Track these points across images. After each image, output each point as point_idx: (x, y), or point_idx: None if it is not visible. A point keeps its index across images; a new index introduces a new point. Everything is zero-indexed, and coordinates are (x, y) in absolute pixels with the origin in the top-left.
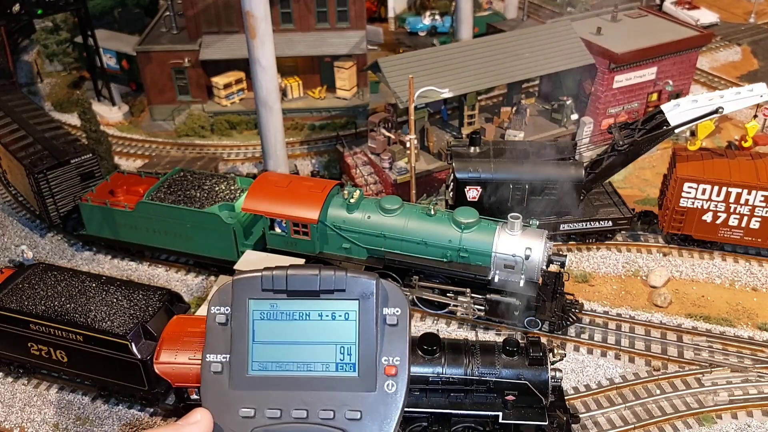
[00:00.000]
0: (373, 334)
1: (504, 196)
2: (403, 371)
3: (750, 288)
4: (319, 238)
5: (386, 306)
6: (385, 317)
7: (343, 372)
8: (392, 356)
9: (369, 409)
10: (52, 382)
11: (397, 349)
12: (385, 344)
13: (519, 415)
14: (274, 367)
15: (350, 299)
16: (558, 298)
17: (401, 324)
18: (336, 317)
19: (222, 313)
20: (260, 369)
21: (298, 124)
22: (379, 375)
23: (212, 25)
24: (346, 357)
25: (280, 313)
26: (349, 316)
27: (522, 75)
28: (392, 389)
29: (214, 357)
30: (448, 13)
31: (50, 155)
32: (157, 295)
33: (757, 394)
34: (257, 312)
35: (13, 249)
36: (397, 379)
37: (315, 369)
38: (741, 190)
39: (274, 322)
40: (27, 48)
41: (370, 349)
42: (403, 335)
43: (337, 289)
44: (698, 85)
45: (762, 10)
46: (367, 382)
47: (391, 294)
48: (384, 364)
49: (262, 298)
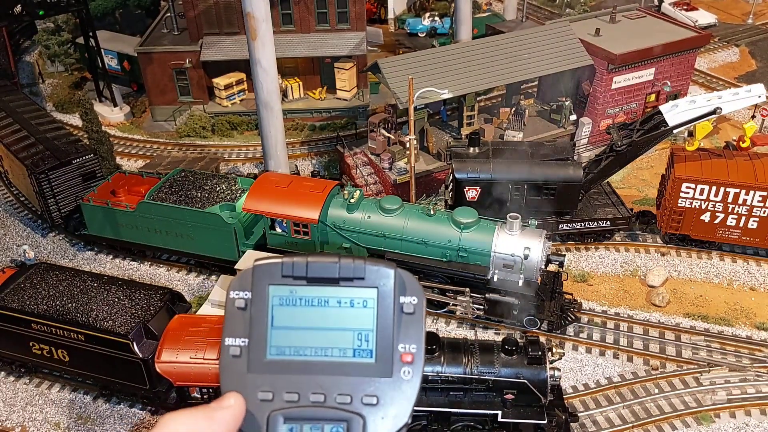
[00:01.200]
0: (391, 321)
1: (503, 196)
2: (419, 359)
3: (748, 287)
4: (320, 238)
5: (403, 294)
6: (402, 305)
7: (361, 358)
8: (409, 344)
9: (385, 395)
10: (54, 382)
11: (414, 336)
12: (401, 332)
13: (518, 413)
14: (292, 352)
15: (369, 287)
16: (557, 298)
17: (418, 312)
18: (354, 304)
19: (242, 297)
20: (278, 353)
21: (299, 125)
22: (396, 362)
23: (213, 26)
24: (364, 343)
25: (299, 299)
26: (368, 303)
27: (521, 76)
28: (408, 376)
29: (233, 341)
30: (448, 15)
31: (52, 155)
32: (158, 295)
33: (755, 393)
34: (276, 297)
35: (15, 249)
36: (413, 366)
37: (332, 354)
38: (739, 190)
39: (293, 307)
40: (29, 49)
41: (387, 336)
42: (420, 323)
43: (356, 277)
44: (696, 85)
45: (760, 11)
46: (383, 369)
47: (408, 283)
48: (400, 351)
49: (282, 284)
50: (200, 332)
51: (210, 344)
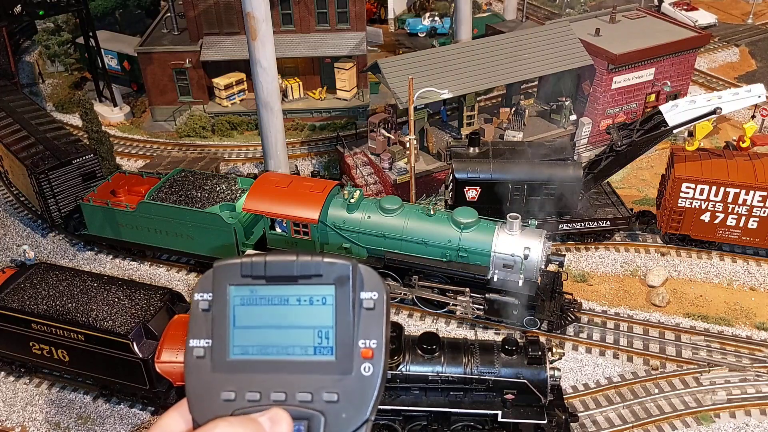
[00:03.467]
0: (350, 318)
1: (503, 196)
2: (380, 354)
3: (748, 287)
4: (320, 238)
5: (363, 290)
6: (362, 301)
7: (321, 356)
8: (369, 339)
9: (346, 392)
10: (54, 382)
11: (374, 332)
12: (361, 328)
13: (518, 413)
14: (255, 351)
15: (327, 284)
16: (557, 298)
17: (378, 307)
18: (313, 302)
19: (204, 299)
20: (241, 353)
21: (299, 125)
22: (356, 358)
23: (213, 26)
24: (324, 341)
25: (259, 298)
26: (326, 300)
27: (521, 76)
28: (369, 372)
29: (197, 342)
30: (448, 15)
31: (52, 155)
32: (158, 295)
33: (755, 393)
34: (237, 297)
35: (15, 249)
36: (374, 362)
37: (294, 353)
38: (739, 190)
39: (253, 307)
40: (29, 49)
41: (347, 332)
42: (380, 319)
43: (314, 274)
44: (696, 85)
45: (760, 11)
46: (344, 366)
47: (367, 278)
48: (360, 348)
49: (242, 284)
50: None
51: None
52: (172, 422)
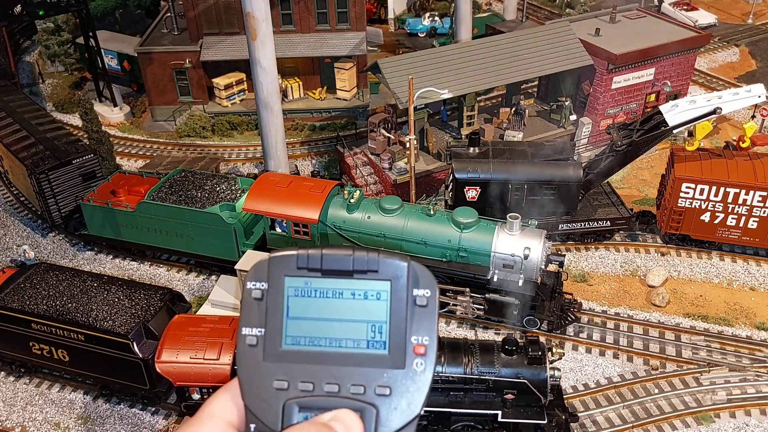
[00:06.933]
0: (404, 314)
1: (503, 196)
2: (432, 351)
3: (748, 287)
4: (320, 238)
5: (417, 287)
6: (416, 298)
7: (374, 349)
8: (421, 336)
9: (398, 386)
10: (54, 382)
11: (426, 329)
12: (414, 324)
13: (518, 413)
14: (307, 342)
15: (382, 280)
16: (557, 298)
17: (431, 305)
18: (368, 296)
19: (258, 288)
20: (293, 343)
21: (299, 125)
22: (409, 353)
23: (213, 26)
24: (377, 335)
25: (314, 290)
26: (381, 296)
27: (521, 76)
28: (421, 368)
29: (249, 330)
30: (448, 15)
31: (52, 155)
32: (158, 295)
33: (755, 393)
34: (292, 288)
35: (15, 249)
36: (426, 358)
37: (346, 345)
38: (739, 190)
39: (308, 299)
40: (29, 49)
41: (401, 328)
42: (432, 316)
43: (369, 269)
44: (696, 85)
45: (760, 11)
46: (396, 360)
47: (421, 276)
48: (413, 343)
49: (298, 276)
50: (200, 332)
51: (210, 344)
52: (222, 408)
